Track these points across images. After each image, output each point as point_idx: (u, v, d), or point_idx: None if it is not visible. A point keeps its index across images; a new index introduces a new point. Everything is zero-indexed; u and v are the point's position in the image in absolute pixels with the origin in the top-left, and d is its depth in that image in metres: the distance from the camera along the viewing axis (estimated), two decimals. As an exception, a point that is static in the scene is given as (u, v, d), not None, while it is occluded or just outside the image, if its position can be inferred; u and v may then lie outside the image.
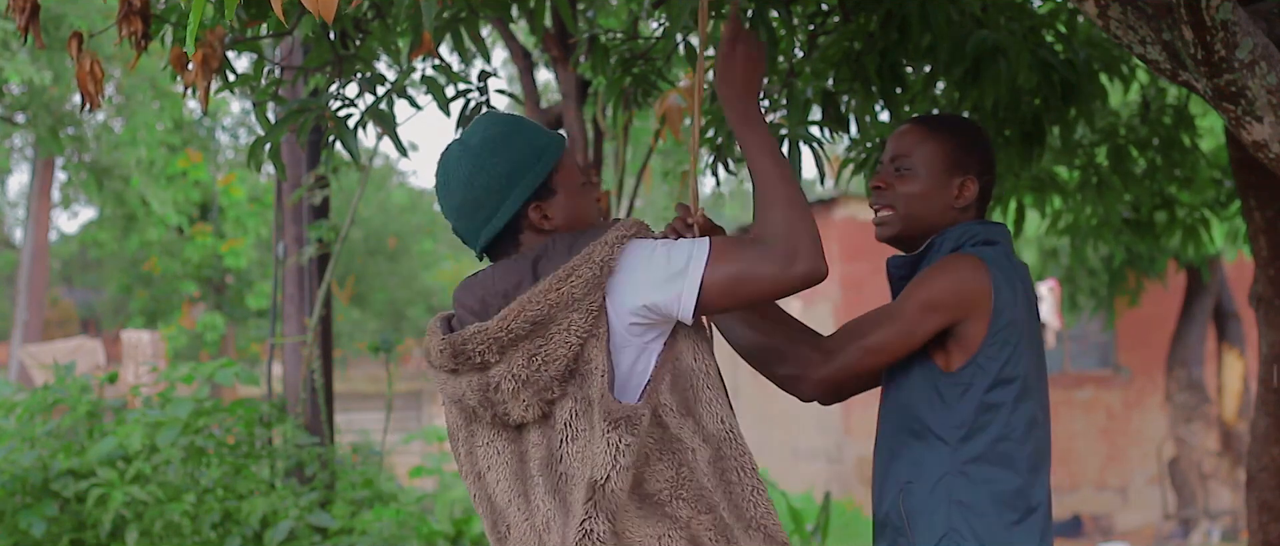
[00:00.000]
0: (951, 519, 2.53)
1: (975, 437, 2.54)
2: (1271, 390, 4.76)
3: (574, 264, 2.28)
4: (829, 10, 4.20)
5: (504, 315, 2.28)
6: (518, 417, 2.32)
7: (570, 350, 2.27)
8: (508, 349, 2.28)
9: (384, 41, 3.71)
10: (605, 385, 2.25)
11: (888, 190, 2.72)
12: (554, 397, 2.29)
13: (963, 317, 2.54)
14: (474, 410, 2.37)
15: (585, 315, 2.26)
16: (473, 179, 2.38)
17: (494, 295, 2.33)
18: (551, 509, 2.30)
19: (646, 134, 9.61)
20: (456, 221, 2.42)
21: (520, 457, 2.36)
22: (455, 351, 2.33)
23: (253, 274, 20.71)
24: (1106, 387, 17.09)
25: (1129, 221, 6.60)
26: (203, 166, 19.77)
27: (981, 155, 2.74)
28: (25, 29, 3.12)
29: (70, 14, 15.05)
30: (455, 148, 2.43)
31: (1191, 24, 2.52)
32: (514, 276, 2.33)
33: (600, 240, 2.30)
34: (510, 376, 2.29)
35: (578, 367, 2.28)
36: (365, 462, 8.02)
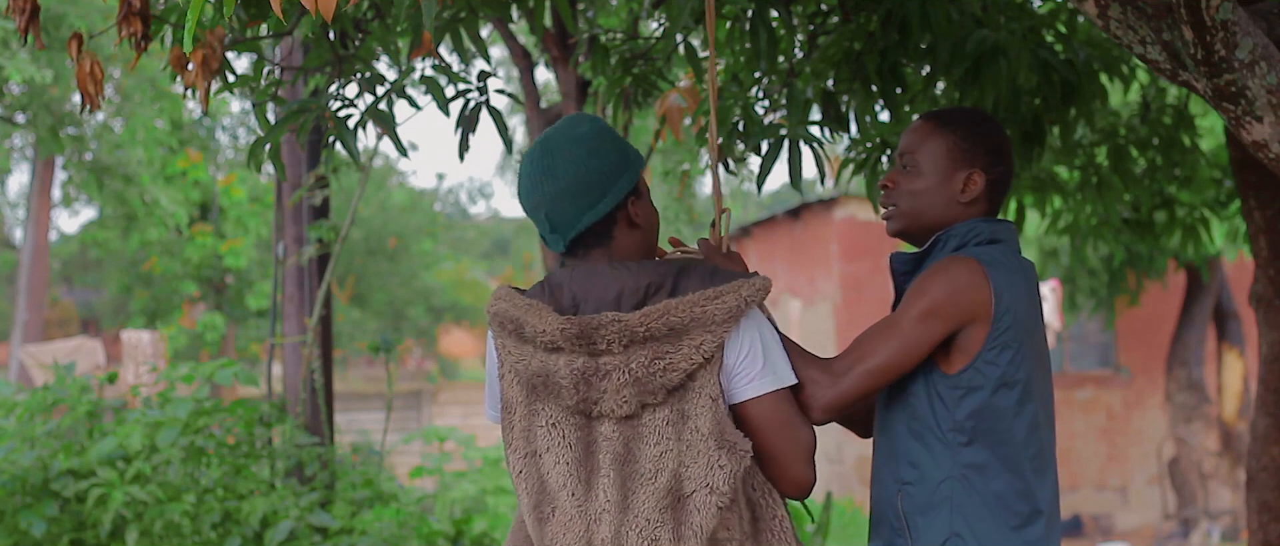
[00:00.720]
0: (953, 522, 2.52)
1: (976, 441, 2.53)
2: (1271, 390, 4.76)
3: (723, 289, 2.38)
4: (829, 10, 4.20)
5: (647, 313, 2.35)
6: (608, 410, 2.38)
7: (692, 366, 2.35)
8: (635, 344, 2.35)
9: (384, 41, 3.71)
10: (721, 406, 2.36)
11: (893, 189, 2.72)
12: (654, 403, 2.37)
13: (964, 324, 2.53)
14: (559, 389, 2.39)
15: (715, 339, 2.35)
16: (588, 162, 2.45)
17: (632, 290, 2.39)
18: (612, 501, 2.36)
19: (646, 134, 9.62)
20: (555, 206, 2.46)
21: (588, 446, 2.40)
22: (583, 332, 2.36)
23: (253, 274, 20.71)
24: (1106, 387, 17.09)
25: (1129, 221, 6.60)
26: (202, 166, 19.78)
27: (990, 146, 2.71)
28: (25, 30, 3.12)
29: (70, 14, 15.05)
30: (559, 137, 2.49)
31: (1191, 24, 2.52)
32: (655, 277, 2.41)
33: (748, 279, 2.41)
34: (625, 370, 2.35)
35: (687, 384, 2.37)
36: (365, 462, 8.02)
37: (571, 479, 2.40)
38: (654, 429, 2.36)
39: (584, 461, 2.40)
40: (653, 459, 2.35)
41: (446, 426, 12.08)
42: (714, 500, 2.32)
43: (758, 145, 3.60)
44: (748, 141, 3.83)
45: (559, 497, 2.41)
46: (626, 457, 2.38)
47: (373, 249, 24.47)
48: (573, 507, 2.39)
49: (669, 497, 2.33)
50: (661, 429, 2.36)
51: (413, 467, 10.33)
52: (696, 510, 2.33)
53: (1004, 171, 2.72)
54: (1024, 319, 2.58)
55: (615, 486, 2.36)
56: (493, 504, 10.47)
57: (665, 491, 2.34)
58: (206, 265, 20.44)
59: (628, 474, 2.37)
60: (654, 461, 2.35)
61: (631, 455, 2.37)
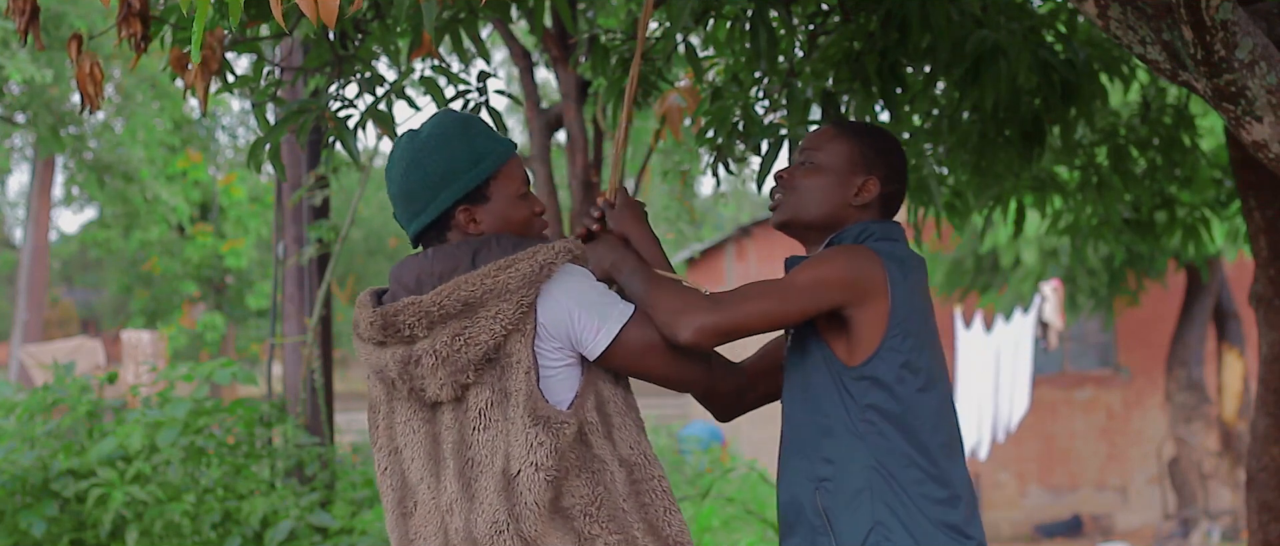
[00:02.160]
0: (875, 512, 2.51)
1: (887, 430, 2.53)
2: (1271, 390, 4.76)
3: (516, 257, 2.39)
4: (829, 10, 4.20)
5: (438, 291, 2.37)
6: (433, 395, 2.40)
7: (492, 337, 2.35)
8: (436, 325, 2.37)
9: (383, 42, 3.71)
10: (533, 381, 2.35)
11: (788, 182, 2.74)
12: (469, 382, 2.37)
13: (855, 302, 2.53)
14: (393, 383, 2.44)
15: (515, 308, 2.35)
16: (409, 172, 2.49)
17: (429, 275, 2.42)
18: (457, 492, 2.38)
19: (646, 134, 9.62)
20: (393, 207, 2.54)
21: (433, 438, 2.44)
22: (386, 323, 2.41)
23: (253, 274, 20.71)
24: (1106, 387, 17.09)
25: (1129, 221, 6.60)
26: (202, 166, 19.77)
27: (890, 162, 2.75)
28: (25, 30, 3.12)
29: (70, 14, 15.05)
30: (404, 138, 2.54)
31: (1191, 24, 2.52)
32: (452, 261, 2.42)
33: (546, 244, 2.41)
34: (432, 352, 2.37)
35: (498, 358, 2.37)
36: (365, 462, 8.01)
37: (426, 472, 2.43)
38: (480, 412, 2.37)
39: (432, 454, 2.43)
40: (486, 444, 2.37)
41: (446, 426, 12.08)
42: (541, 477, 2.32)
43: (758, 145, 3.60)
44: (748, 141, 3.83)
45: (418, 491, 2.44)
46: (462, 445, 2.39)
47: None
48: (429, 500, 2.42)
49: (503, 479, 2.34)
50: (487, 411, 2.37)
51: (413, 467, 10.33)
52: (526, 488, 2.32)
53: (898, 189, 2.77)
54: (922, 307, 2.61)
55: (457, 476, 2.38)
56: (493, 504, 10.47)
57: (500, 473, 2.34)
58: (206, 265, 20.43)
59: (465, 462, 2.38)
60: (488, 446, 2.36)
61: (465, 442, 2.39)
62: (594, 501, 2.36)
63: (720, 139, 3.97)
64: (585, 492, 2.36)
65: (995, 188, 5.16)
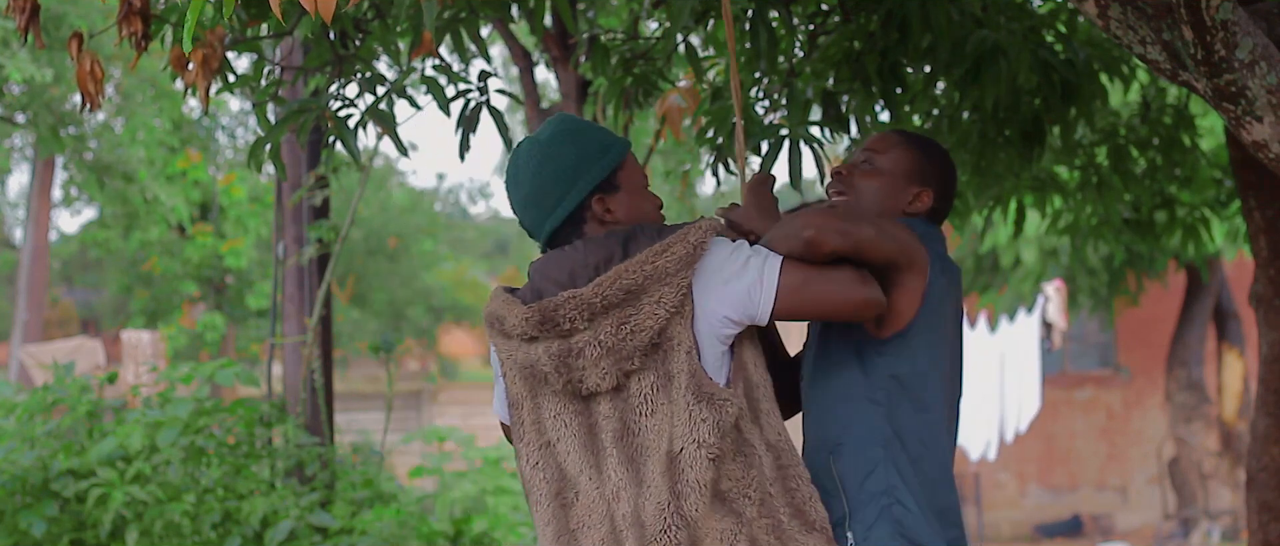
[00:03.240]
0: (888, 478, 2.55)
1: (903, 401, 2.57)
2: (1271, 390, 4.76)
3: (669, 241, 2.40)
4: (829, 10, 4.20)
5: (599, 282, 2.38)
6: (593, 385, 2.41)
7: (657, 322, 2.37)
8: (598, 315, 2.38)
9: (384, 41, 3.71)
10: (695, 359, 2.38)
11: (847, 178, 2.77)
12: (633, 368, 2.39)
13: (905, 267, 2.54)
14: (546, 376, 2.44)
15: (675, 291, 2.37)
16: (541, 169, 2.50)
17: (583, 268, 2.43)
18: (623, 478, 2.40)
19: (646, 134, 9.62)
20: (524, 213, 2.53)
21: (590, 428, 2.44)
22: (544, 317, 2.41)
23: (253, 274, 20.69)
24: (1106, 387, 17.09)
25: (1129, 221, 6.60)
26: (202, 166, 19.76)
27: (945, 179, 2.80)
28: (25, 29, 3.12)
29: (70, 13, 15.04)
30: (525, 143, 2.55)
31: (1191, 24, 2.52)
32: (604, 251, 2.43)
33: (694, 225, 2.43)
34: (596, 343, 2.38)
35: (661, 342, 2.39)
36: (365, 462, 8.01)
37: (585, 463, 2.44)
38: (644, 397, 2.39)
39: (590, 445, 2.44)
40: (653, 429, 2.38)
41: (446, 426, 12.07)
42: (703, 453, 2.34)
43: (758, 145, 3.60)
44: (748, 141, 3.83)
45: (579, 481, 2.45)
46: (624, 432, 2.41)
47: (373, 249, 24.45)
48: (593, 490, 2.43)
49: (667, 459, 2.36)
50: (652, 396, 2.39)
51: (413, 467, 10.32)
52: (688, 466, 2.34)
53: (945, 207, 2.82)
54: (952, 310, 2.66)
55: (622, 463, 2.40)
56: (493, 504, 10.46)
57: (666, 454, 2.36)
58: (206, 265, 20.41)
59: (632, 448, 2.40)
60: (655, 431, 2.38)
61: (629, 429, 2.41)
62: (747, 482, 2.39)
63: (720, 139, 3.97)
64: (739, 475, 2.38)
65: (995, 187, 5.16)
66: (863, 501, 2.55)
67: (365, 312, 25.07)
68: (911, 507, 2.54)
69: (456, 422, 19.55)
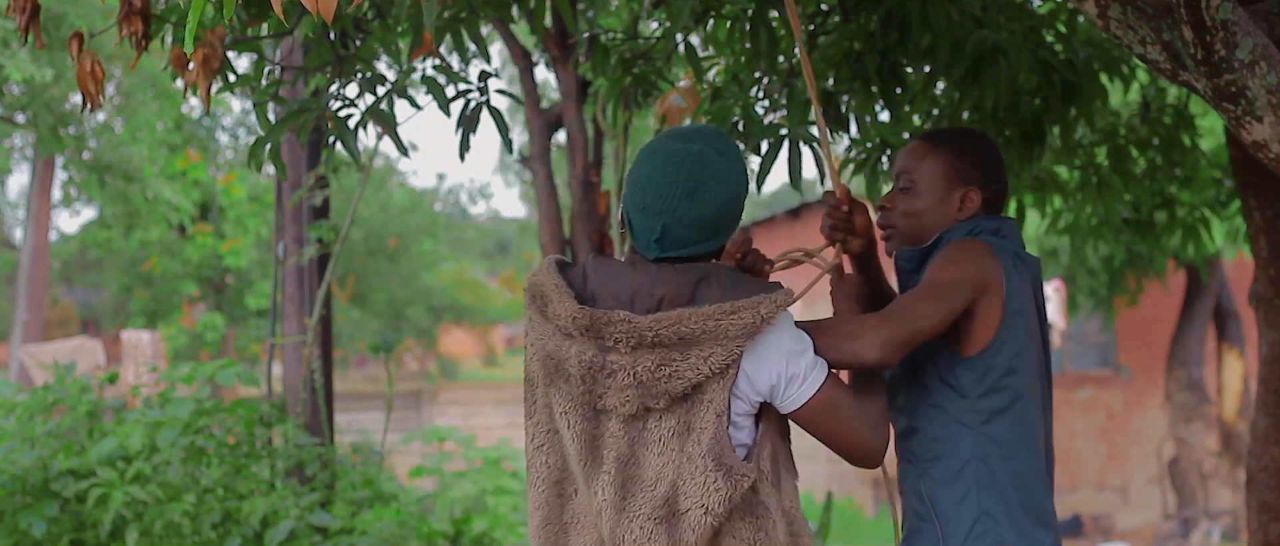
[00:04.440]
0: (982, 502, 2.56)
1: (995, 420, 2.57)
2: (1271, 390, 4.76)
3: (741, 305, 2.33)
4: (829, 10, 4.20)
5: (658, 318, 2.33)
6: (609, 406, 2.38)
7: (698, 377, 2.32)
8: (642, 347, 2.33)
9: (384, 41, 3.71)
10: (723, 425, 2.34)
11: (892, 209, 2.77)
12: (657, 408, 2.35)
13: (979, 296, 2.56)
14: (568, 376, 2.39)
15: (726, 354, 2.32)
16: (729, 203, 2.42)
17: (646, 296, 2.37)
18: (609, 500, 2.38)
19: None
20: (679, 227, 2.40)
21: (593, 439, 2.41)
22: (593, 324, 2.35)
23: (253, 274, 20.69)
24: (1106, 387, 17.09)
25: (1129, 221, 6.60)
26: (202, 166, 19.76)
27: (985, 165, 2.77)
28: (25, 29, 3.12)
29: (71, 13, 15.04)
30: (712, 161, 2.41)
31: (1191, 24, 2.52)
32: (673, 288, 2.37)
33: (768, 296, 2.36)
34: (630, 371, 2.34)
35: (692, 394, 2.35)
36: (365, 462, 8.01)
37: (581, 467, 2.42)
38: (659, 437, 2.36)
39: (589, 454, 2.41)
40: (655, 467, 2.36)
41: (446, 426, 12.07)
42: (708, 520, 2.33)
43: (758, 145, 3.60)
44: (748, 141, 3.83)
45: (578, 480, 2.44)
46: (630, 460, 2.38)
47: (373, 249, 24.45)
48: (585, 494, 2.42)
49: (665, 508, 2.34)
50: (666, 439, 2.36)
51: (413, 467, 10.31)
52: (690, 529, 2.33)
53: (999, 188, 2.79)
54: (1031, 303, 2.64)
55: (614, 485, 2.37)
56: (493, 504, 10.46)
57: (662, 501, 2.34)
58: (206, 265, 20.42)
59: (629, 476, 2.37)
60: (655, 470, 2.36)
61: (635, 458, 2.38)
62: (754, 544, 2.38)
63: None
64: (747, 535, 2.37)
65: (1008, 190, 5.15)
66: (955, 527, 2.57)
67: (365, 312, 25.07)
68: (1004, 523, 2.54)
69: (456, 422, 19.55)
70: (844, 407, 2.41)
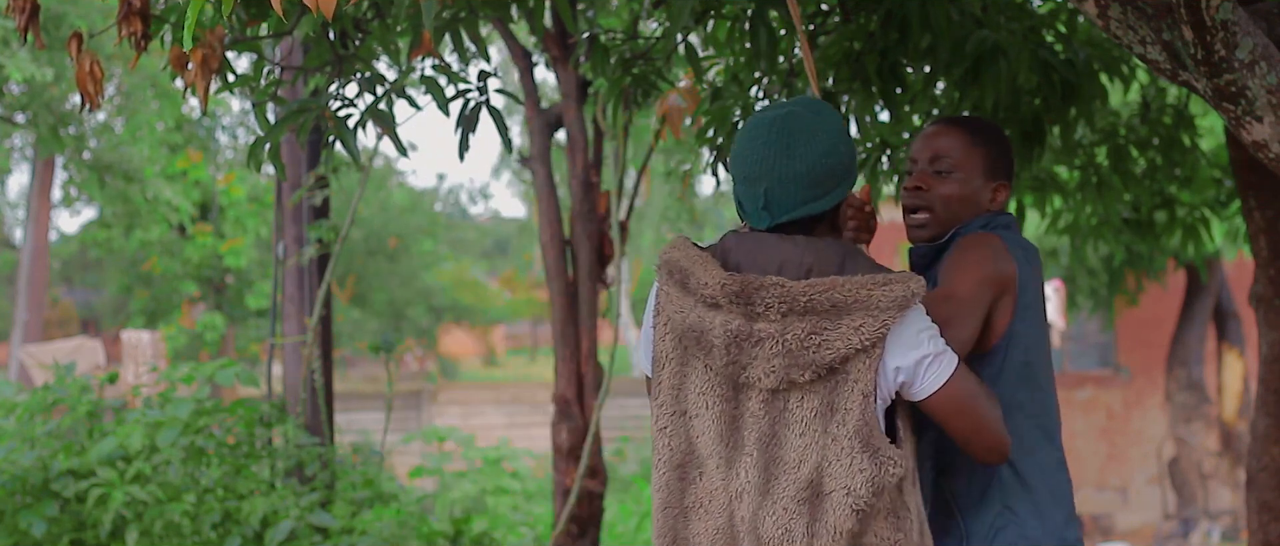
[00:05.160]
0: (1004, 498, 2.56)
1: (1012, 415, 2.56)
2: (1271, 390, 4.76)
3: (890, 278, 2.30)
4: (829, 10, 4.20)
5: (813, 283, 2.27)
6: (753, 378, 2.31)
7: (847, 348, 2.27)
8: (794, 314, 2.27)
9: (384, 41, 3.71)
10: (870, 406, 2.29)
11: (928, 192, 2.72)
12: (801, 381, 2.29)
13: (1000, 293, 2.57)
14: (710, 348, 2.32)
15: (877, 327, 2.27)
16: (829, 155, 2.36)
17: (796, 264, 2.31)
18: (752, 482, 2.32)
19: (646, 133, 9.61)
20: (781, 186, 2.36)
21: (734, 419, 2.35)
22: (743, 290, 2.29)
23: (253, 274, 20.69)
24: (1106, 387, 17.09)
25: (1129, 221, 6.60)
26: (202, 166, 19.76)
27: (1011, 161, 2.79)
28: (25, 29, 3.11)
29: (70, 13, 15.04)
30: (803, 119, 2.38)
31: (1191, 24, 2.52)
32: (821, 257, 2.32)
33: (912, 275, 2.33)
34: (779, 340, 2.28)
35: (839, 370, 2.29)
36: (365, 462, 8.01)
37: (717, 450, 2.35)
38: (801, 417, 2.31)
39: (730, 435, 2.35)
40: (797, 448, 2.30)
41: (446, 426, 12.08)
42: (850, 503, 2.27)
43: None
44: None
45: (708, 464, 2.36)
46: (772, 440, 2.32)
47: (373, 249, 24.45)
48: (719, 480, 2.35)
49: (808, 490, 2.29)
50: (809, 420, 2.30)
51: (413, 467, 10.32)
52: (832, 510, 2.28)
53: (1013, 181, 2.81)
54: (1038, 299, 2.65)
55: (758, 467, 2.32)
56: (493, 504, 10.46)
57: (805, 483, 2.29)
58: (206, 265, 20.41)
59: (771, 458, 2.32)
60: (798, 451, 2.30)
61: (777, 439, 2.32)
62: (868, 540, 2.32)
63: (720, 139, 3.97)
64: (888, 536, 2.33)
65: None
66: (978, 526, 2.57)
67: (365, 312, 25.07)
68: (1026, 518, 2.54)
69: (456, 422, 19.54)
70: (978, 397, 2.38)
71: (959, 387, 2.36)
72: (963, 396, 2.36)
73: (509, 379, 30.98)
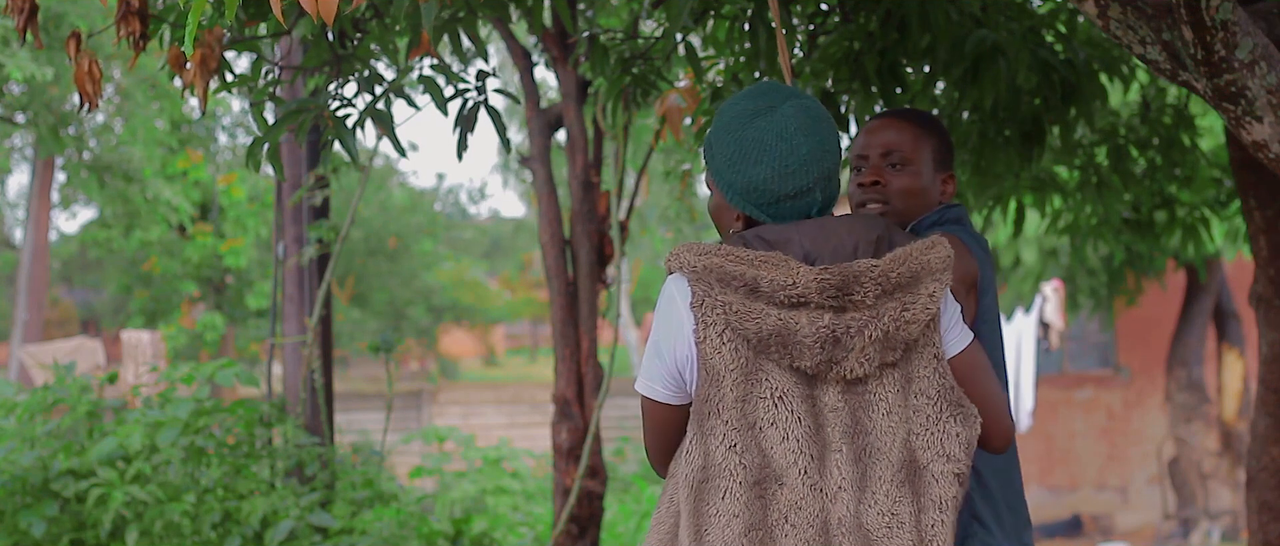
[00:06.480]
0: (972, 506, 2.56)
1: None
2: (1271, 390, 4.76)
3: (934, 240, 2.27)
4: (829, 10, 4.20)
5: (895, 257, 2.22)
6: (849, 371, 2.22)
7: (928, 315, 2.23)
8: (886, 295, 2.21)
9: (382, 41, 3.71)
10: (945, 368, 2.26)
11: (886, 186, 2.70)
12: (892, 361, 2.24)
13: (968, 291, 2.57)
14: (800, 348, 2.21)
15: (941, 288, 2.25)
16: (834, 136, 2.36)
17: (866, 242, 2.26)
18: (848, 478, 2.23)
19: (647, 133, 9.62)
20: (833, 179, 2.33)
21: (816, 419, 2.25)
22: (844, 282, 2.20)
23: (253, 274, 20.70)
24: (1106, 387, 17.09)
25: (1129, 221, 6.60)
26: (202, 166, 19.77)
27: (954, 154, 2.80)
28: (24, 29, 3.11)
29: (70, 13, 15.05)
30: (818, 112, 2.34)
31: (1191, 24, 2.52)
32: (875, 231, 2.28)
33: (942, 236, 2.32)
34: (877, 325, 2.21)
35: (916, 340, 2.25)
36: (365, 462, 8.01)
37: (802, 456, 2.24)
38: (882, 397, 2.24)
39: (815, 437, 2.24)
40: (884, 431, 2.24)
41: (446, 426, 12.08)
42: (951, 468, 2.23)
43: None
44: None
45: (787, 475, 2.24)
46: (856, 430, 2.25)
47: (373, 249, 24.47)
48: (805, 486, 2.23)
49: (904, 471, 2.23)
50: (891, 398, 2.24)
51: (413, 467, 10.32)
52: (935, 481, 2.23)
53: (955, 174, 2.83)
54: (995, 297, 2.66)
55: (850, 462, 2.23)
56: (493, 504, 10.46)
57: (900, 464, 2.23)
58: (206, 265, 20.42)
59: (860, 448, 2.24)
60: (887, 433, 2.24)
61: (861, 427, 2.25)
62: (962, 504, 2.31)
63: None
64: None
65: (995, 187, 5.16)
66: None
67: (365, 312, 25.09)
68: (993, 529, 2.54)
69: (456, 422, 19.55)
70: (990, 373, 2.34)
71: (977, 355, 2.33)
72: (979, 363, 2.33)
73: (509, 379, 30.99)
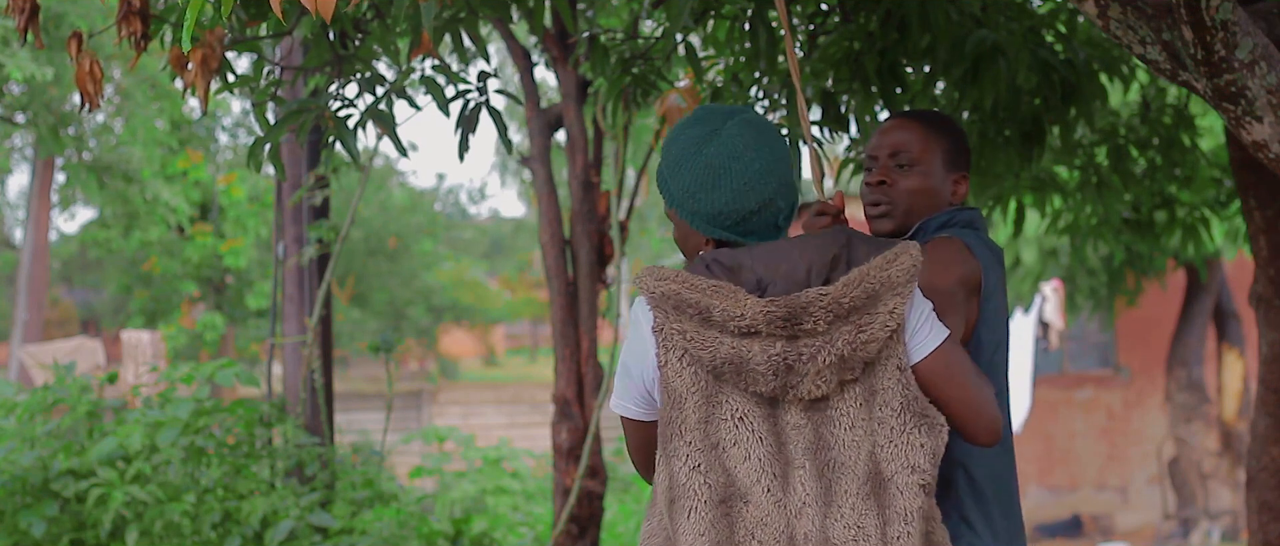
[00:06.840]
0: (963, 509, 2.55)
1: None
2: (1271, 390, 4.76)
3: (897, 251, 2.26)
4: (829, 10, 4.20)
5: (849, 282, 2.22)
6: (806, 393, 2.24)
7: (886, 333, 2.23)
8: (839, 319, 2.21)
9: (383, 41, 3.71)
10: (909, 378, 2.25)
11: (892, 186, 2.70)
12: (852, 378, 2.25)
13: (969, 294, 2.56)
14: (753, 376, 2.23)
15: (903, 302, 2.24)
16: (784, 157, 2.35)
17: (820, 264, 2.26)
18: (812, 494, 2.25)
19: (647, 133, 9.62)
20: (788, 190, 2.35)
21: (778, 437, 2.27)
22: (791, 314, 2.21)
23: (253, 274, 20.70)
24: (1106, 387, 17.09)
25: (1129, 221, 6.60)
26: (203, 166, 19.77)
27: (968, 153, 2.78)
28: (25, 29, 3.12)
29: (70, 13, 15.04)
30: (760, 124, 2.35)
31: (1191, 24, 2.52)
32: (831, 250, 2.28)
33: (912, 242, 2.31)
34: (830, 350, 2.21)
35: (878, 354, 2.25)
36: (365, 462, 8.01)
37: (765, 474, 2.25)
38: (844, 411, 2.25)
39: (777, 455, 2.26)
40: (848, 445, 2.24)
41: (446, 426, 12.08)
42: (916, 480, 2.23)
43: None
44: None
45: (752, 493, 2.25)
46: (819, 446, 2.26)
47: (373, 249, 24.47)
48: (769, 503, 2.25)
49: (870, 483, 2.23)
50: (851, 411, 2.24)
51: (413, 467, 10.32)
52: (900, 493, 2.23)
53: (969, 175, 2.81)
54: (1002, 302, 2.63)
55: (813, 477, 2.25)
56: (493, 504, 10.46)
57: (865, 477, 2.23)
58: (206, 265, 20.42)
59: (824, 463, 2.25)
60: (851, 447, 2.24)
61: (824, 442, 2.26)
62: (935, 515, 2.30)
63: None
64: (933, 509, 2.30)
65: (995, 187, 5.16)
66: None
67: (365, 312, 25.08)
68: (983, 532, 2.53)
69: (456, 422, 19.56)
70: (969, 370, 2.32)
71: (950, 354, 2.31)
72: (954, 362, 2.31)
73: (509, 379, 30.99)
